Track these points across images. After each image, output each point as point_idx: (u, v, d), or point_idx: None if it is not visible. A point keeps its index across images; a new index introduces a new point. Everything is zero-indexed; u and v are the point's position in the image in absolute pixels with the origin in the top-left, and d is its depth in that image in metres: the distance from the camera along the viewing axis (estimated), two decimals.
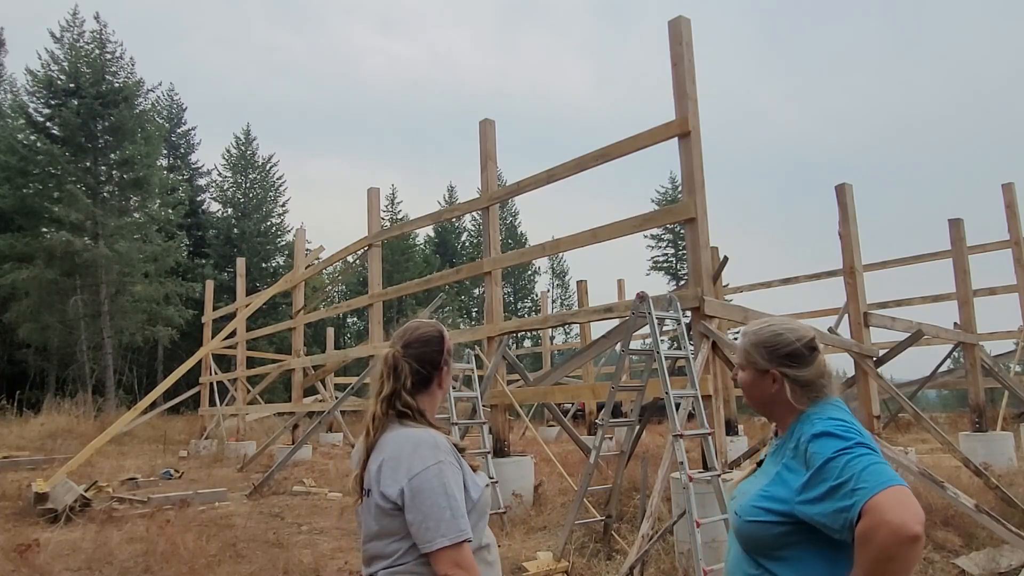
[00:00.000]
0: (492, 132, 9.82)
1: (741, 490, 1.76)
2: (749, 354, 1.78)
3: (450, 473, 1.71)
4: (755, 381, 1.77)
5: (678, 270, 48.62)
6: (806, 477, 1.52)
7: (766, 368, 1.74)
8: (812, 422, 1.63)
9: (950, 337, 11.78)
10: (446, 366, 1.94)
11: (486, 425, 8.84)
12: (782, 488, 1.59)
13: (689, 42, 6.94)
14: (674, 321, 6.39)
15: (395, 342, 1.92)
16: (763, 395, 1.76)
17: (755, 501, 1.63)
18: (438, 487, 1.67)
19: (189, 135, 44.04)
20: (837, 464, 1.47)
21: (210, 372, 19.48)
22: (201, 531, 7.22)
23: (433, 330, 1.94)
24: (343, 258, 15.30)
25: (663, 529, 5.51)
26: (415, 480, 1.68)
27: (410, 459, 1.71)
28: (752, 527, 1.61)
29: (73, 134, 29.52)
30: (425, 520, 1.65)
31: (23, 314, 27.30)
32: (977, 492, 6.96)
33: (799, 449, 1.60)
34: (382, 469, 1.74)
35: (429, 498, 1.66)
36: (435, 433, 1.79)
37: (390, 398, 1.83)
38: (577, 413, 21.85)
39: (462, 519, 1.67)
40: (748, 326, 1.85)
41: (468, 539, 1.67)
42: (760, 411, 1.81)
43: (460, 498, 1.70)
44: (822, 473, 1.49)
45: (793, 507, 1.54)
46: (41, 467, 13.06)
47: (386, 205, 50.10)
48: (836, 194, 9.37)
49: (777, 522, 1.56)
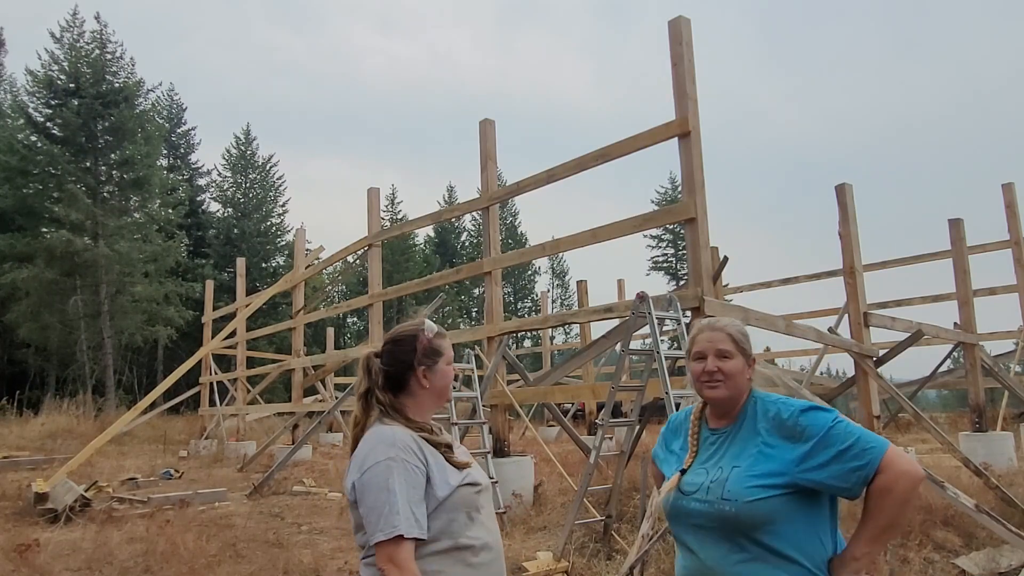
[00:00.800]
0: (492, 132, 9.82)
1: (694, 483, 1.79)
2: (739, 342, 1.89)
3: (399, 469, 1.71)
4: (744, 368, 1.88)
5: (678, 270, 48.62)
6: (807, 447, 1.67)
7: (751, 354, 1.90)
8: (774, 402, 1.81)
9: (950, 337, 11.77)
10: (422, 366, 1.93)
11: (486, 425, 8.84)
12: (773, 463, 1.71)
13: (689, 42, 6.94)
14: (674, 321, 6.39)
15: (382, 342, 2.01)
16: (743, 383, 1.87)
17: (750, 482, 1.70)
18: (381, 482, 1.70)
19: (189, 135, 44.07)
20: (838, 431, 1.66)
21: (210, 372, 19.47)
22: (201, 531, 7.22)
23: (409, 330, 1.97)
24: (343, 258, 15.30)
25: (663, 529, 5.50)
26: (364, 475, 1.74)
27: (365, 455, 1.77)
28: (754, 506, 1.67)
29: (73, 134, 29.51)
30: (368, 514, 1.71)
31: (23, 314, 27.30)
32: (977, 492, 6.95)
33: (781, 425, 1.74)
34: (350, 464, 1.83)
35: (372, 493, 1.71)
36: (400, 430, 1.81)
37: (365, 395, 1.90)
38: (577, 413, 21.84)
39: (398, 516, 1.66)
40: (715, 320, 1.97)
41: (402, 536, 1.66)
42: (728, 402, 1.86)
43: (405, 495, 1.69)
44: (826, 440, 1.66)
45: (794, 476, 1.68)
46: (41, 467, 13.06)
47: (386, 205, 50.13)
48: (836, 194, 9.37)
49: (780, 494, 1.67)
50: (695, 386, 1.92)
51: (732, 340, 1.88)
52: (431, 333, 1.97)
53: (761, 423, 1.78)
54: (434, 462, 1.80)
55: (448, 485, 1.79)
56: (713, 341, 1.89)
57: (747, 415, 1.83)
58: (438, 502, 1.76)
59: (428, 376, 1.94)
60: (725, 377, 1.84)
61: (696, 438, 1.91)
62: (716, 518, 1.72)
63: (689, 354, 1.96)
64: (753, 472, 1.71)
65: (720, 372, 1.85)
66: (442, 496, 1.77)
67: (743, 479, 1.71)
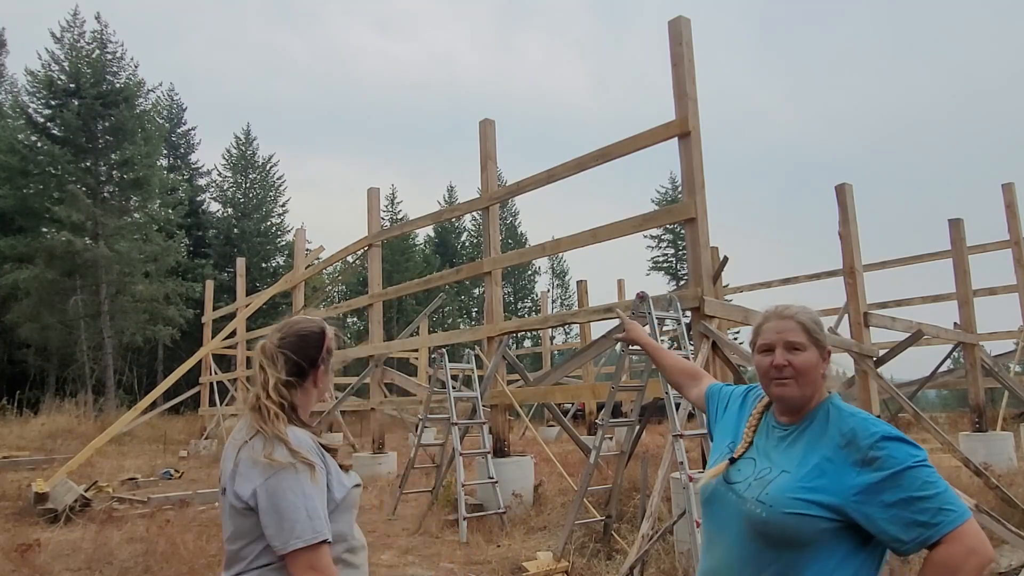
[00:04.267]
0: (492, 132, 9.82)
1: (745, 477, 1.62)
2: (811, 331, 1.63)
3: (310, 473, 1.65)
4: (818, 362, 1.62)
5: (678, 270, 48.58)
6: (875, 478, 1.44)
7: (826, 346, 1.63)
8: (855, 416, 1.55)
9: (950, 337, 11.77)
10: (323, 364, 1.87)
11: (486, 425, 8.85)
12: (828, 481, 1.49)
13: (689, 42, 6.94)
14: (674, 321, 6.39)
15: (272, 334, 1.87)
16: (818, 379, 1.61)
17: (796, 493, 1.50)
18: (296, 487, 1.61)
19: (189, 135, 44.00)
20: (918, 476, 1.42)
21: (210, 372, 19.48)
22: (201, 531, 7.22)
23: (314, 326, 1.89)
24: (343, 258, 15.31)
25: (663, 529, 5.51)
26: (271, 480, 1.62)
27: (267, 458, 1.64)
28: (789, 519, 1.48)
29: (74, 134, 29.49)
30: (281, 521, 1.59)
31: (23, 314, 27.28)
32: (977, 492, 6.96)
33: (854, 445, 1.49)
34: (238, 467, 1.69)
35: (285, 498, 1.60)
36: (299, 431, 1.74)
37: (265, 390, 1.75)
38: (577, 413, 21.84)
39: (318, 520, 1.61)
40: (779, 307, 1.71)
41: (325, 540, 1.62)
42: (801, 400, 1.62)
43: (318, 499, 1.64)
44: (899, 480, 1.42)
45: (846, 503, 1.46)
46: (41, 467, 13.06)
47: (386, 205, 50.08)
48: (836, 194, 9.37)
49: (822, 516, 1.47)
50: (761, 382, 1.69)
51: (804, 330, 1.63)
52: (332, 332, 1.91)
53: (832, 435, 1.54)
54: (331, 464, 1.76)
55: (344, 487, 1.75)
56: (782, 331, 1.64)
57: (817, 419, 1.59)
58: (336, 504, 1.71)
59: (323, 377, 1.87)
60: (796, 373, 1.60)
61: (753, 430, 1.71)
62: (746, 518, 1.55)
63: (754, 346, 1.71)
64: (803, 483, 1.50)
65: (791, 367, 1.60)
66: (339, 498, 1.72)
67: (789, 487, 1.51)
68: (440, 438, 12.82)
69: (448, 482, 8.57)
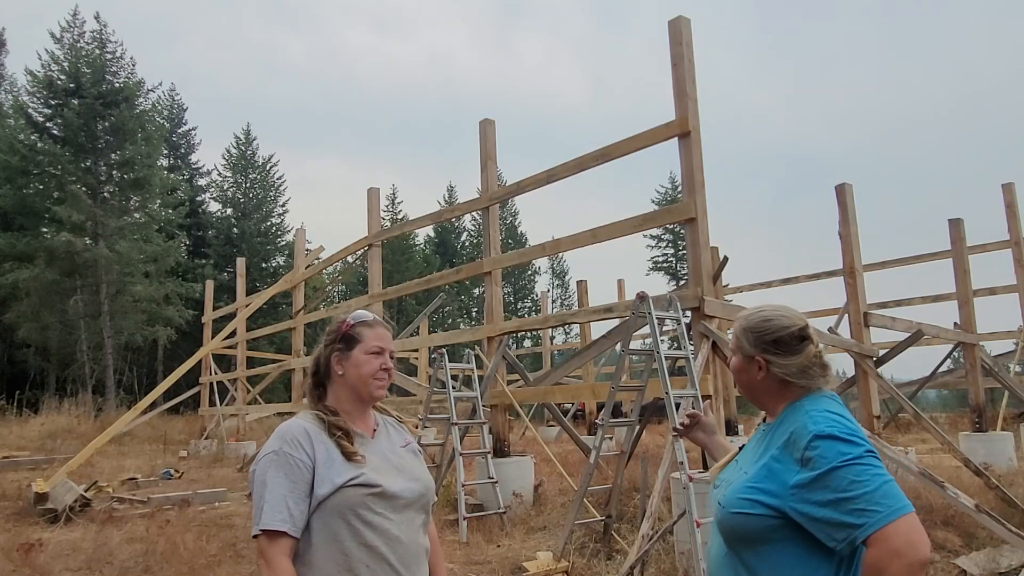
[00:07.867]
0: (492, 132, 9.82)
1: (723, 479, 1.71)
2: (738, 339, 1.75)
3: (278, 463, 1.69)
4: (743, 367, 1.74)
5: (678, 270, 48.60)
6: (806, 478, 1.44)
7: (751, 354, 1.70)
8: (808, 414, 1.55)
9: (950, 337, 11.77)
10: (335, 352, 1.90)
11: (486, 425, 8.85)
12: (772, 482, 1.51)
13: (689, 42, 6.95)
14: (674, 321, 6.39)
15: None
16: (750, 381, 1.72)
17: (742, 493, 1.55)
18: (260, 476, 1.70)
19: (189, 135, 44.01)
20: (845, 475, 1.40)
21: (210, 372, 19.48)
22: (201, 531, 7.22)
23: (340, 318, 1.98)
24: (343, 258, 15.30)
25: (663, 529, 5.51)
26: (253, 469, 1.76)
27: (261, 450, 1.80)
28: (737, 519, 1.54)
29: (74, 134, 29.48)
30: (253, 507, 1.72)
31: (23, 314, 27.29)
32: (977, 492, 6.95)
33: (794, 444, 1.51)
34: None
35: (255, 487, 1.72)
36: (295, 420, 1.80)
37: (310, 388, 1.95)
38: (577, 413, 21.83)
39: (269, 512, 1.64)
40: (744, 311, 1.82)
41: (269, 531, 1.63)
42: (748, 398, 1.77)
43: (280, 489, 1.66)
44: (826, 480, 1.41)
45: (785, 503, 1.47)
46: (41, 467, 13.05)
47: (386, 205, 50.12)
48: (836, 194, 9.37)
49: (765, 515, 1.50)
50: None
51: (734, 336, 1.77)
52: (353, 320, 1.94)
53: (780, 432, 1.59)
54: (324, 457, 1.72)
55: (333, 483, 1.69)
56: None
57: (781, 419, 1.63)
58: (318, 501, 1.68)
59: (342, 363, 1.88)
60: (733, 374, 1.79)
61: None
62: (717, 519, 1.63)
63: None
64: (751, 483, 1.55)
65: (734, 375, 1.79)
66: (322, 494, 1.68)
67: (740, 488, 1.57)
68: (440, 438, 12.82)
69: (448, 482, 8.57)
